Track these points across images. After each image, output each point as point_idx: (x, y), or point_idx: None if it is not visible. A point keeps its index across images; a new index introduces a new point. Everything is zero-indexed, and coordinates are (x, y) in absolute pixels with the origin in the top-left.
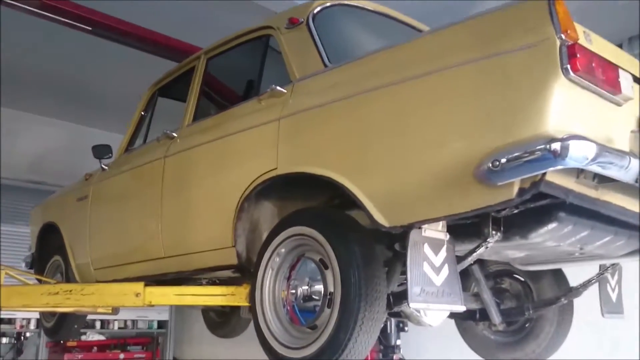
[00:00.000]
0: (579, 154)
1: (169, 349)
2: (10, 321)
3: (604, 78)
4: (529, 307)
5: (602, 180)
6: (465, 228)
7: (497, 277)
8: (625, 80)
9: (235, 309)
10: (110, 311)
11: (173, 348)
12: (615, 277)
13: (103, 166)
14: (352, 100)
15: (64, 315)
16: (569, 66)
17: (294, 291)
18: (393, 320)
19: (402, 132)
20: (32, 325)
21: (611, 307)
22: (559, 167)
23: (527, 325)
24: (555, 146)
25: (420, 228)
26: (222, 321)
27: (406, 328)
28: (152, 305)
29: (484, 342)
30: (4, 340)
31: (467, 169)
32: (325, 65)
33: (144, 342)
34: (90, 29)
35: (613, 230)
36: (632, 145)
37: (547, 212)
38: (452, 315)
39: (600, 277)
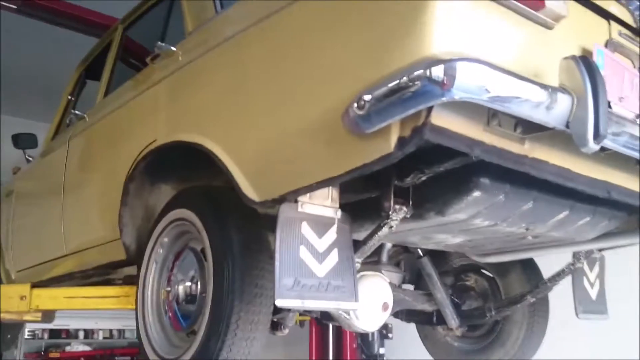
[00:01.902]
0: (471, 82)
1: None
2: None
3: None
4: (491, 308)
5: (528, 129)
6: (366, 204)
7: (462, 272)
8: None
9: None
10: (39, 319)
11: None
12: (596, 269)
13: (28, 157)
14: (227, 46)
15: None
16: None
17: (174, 289)
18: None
19: (270, 80)
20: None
21: (588, 305)
22: (444, 100)
23: (495, 329)
24: (436, 71)
25: (296, 202)
26: None
27: (390, 335)
28: (42, 310)
29: (446, 350)
30: None
31: (338, 121)
32: (217, 12)
33: (132, 353)
34: (15, 7)
35: (568, 204)
36: (565, 77)
37: (466, 179)
38: (409, 317)
39: (572, 269)
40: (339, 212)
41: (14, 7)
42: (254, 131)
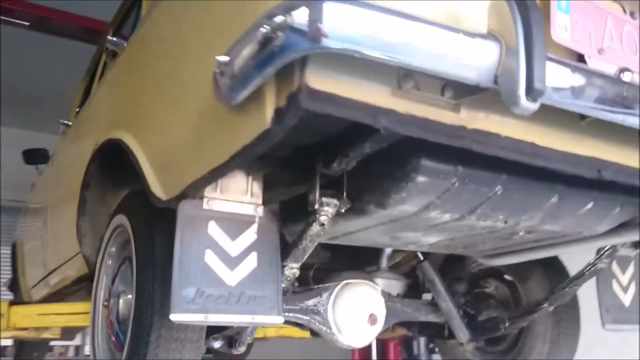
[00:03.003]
0: (346, 28)
1: None
2: (50, 349)
3: None
4: (505, 319)
5: (460, 91)
6: (296, 201)
7: (481, 278)
8: None
9: None
10: (58, 335)
11: None
12: (630, 270)
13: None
14: (139, 41)
15: (21, 343)
16: None
17: (114, 304)
18: (421, 339)
19: (163, 70)
20: (71, 353)
21: (619, 314)
22: (307, 52)
23: (518, 343)
24: (298, 16)
25: (202, 198)
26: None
27: (437, 349)
28: (20, 328)
29: None
30: None
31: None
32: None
33: None
34: (27, 24)
35: (556, 190)
36: (494, 21)
37: (402, 162)
38: (421, 331)
39: (594, 270)
40: (261, 210)
41: (26, 24)
42: (158, 124)
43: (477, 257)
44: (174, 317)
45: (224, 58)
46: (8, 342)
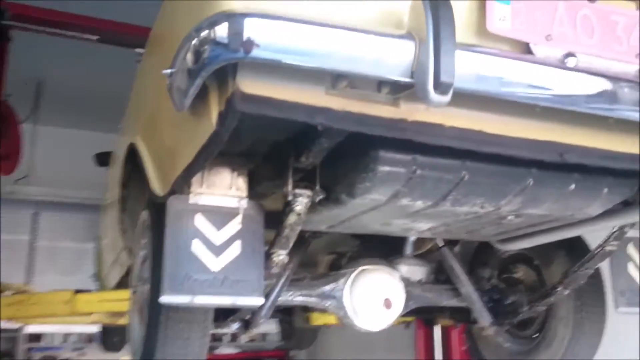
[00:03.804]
0: (266, 39)
1: None
2: None
3: None
4: (523, 303)
5: (396, 88)
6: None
7: (510, 264)
8: None
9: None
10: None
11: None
12: None
13: None
14: (150, 38)
15: (106, 329)
16: None
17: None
18: None
19: (154, 74)
20: None
21: (635, 296)
22: (235, 61)
23: (543, 328)
24: (220, 30)
25: (189, 193)
26: (291, 331)
27: None
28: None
29: (496, 351)
30: None
31: None
32: None
33: (279, 355)
34: (96, 38)
35: (529, 174)
36: (412, 20)
37: (363, 154)
38: (452, 316)
39: (604, 253)
40: (245, 202)
41: (95, 38)
42: (156, 128)
43: (493, 242)
44: (163, 299)
45: (168, 71)
46: (95, 328)
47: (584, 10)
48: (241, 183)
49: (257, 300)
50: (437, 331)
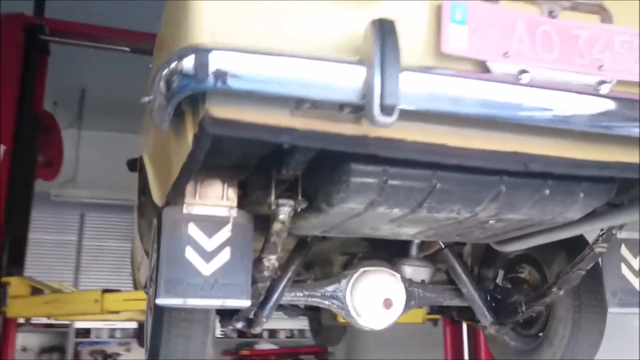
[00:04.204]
0: (229, 70)
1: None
2: None
3: None
4: (522, 303)
5: (356, 107)
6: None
7: (517, 264)
8: None
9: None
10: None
11: (342, 355)
12: None
13: None
14: None
15: (141, 326)
16: None
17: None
18: None
19: None
20: None
21: (628, 297)
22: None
23: (545, 327)
24: (187, 62)
25: (183, 204)
26: (319, 328)
27: None
28: (112, 312)
29: (503, 349)
30: None
31: None
32: None
33: (317, 352)
34: (128, 49)
35: (501, 181)
36: (364, 46)
37: (337, 166)
38: (460, 315)
39: (595, 254)
40: (235, 211)
41: (127, 49)
42: (156, 143)
43: (493, 244)
44: (159, 301)
45: (147, 98)
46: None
47: (545, 27)
48: (231, 194)
49: (244, 302)
50: (465, 330)
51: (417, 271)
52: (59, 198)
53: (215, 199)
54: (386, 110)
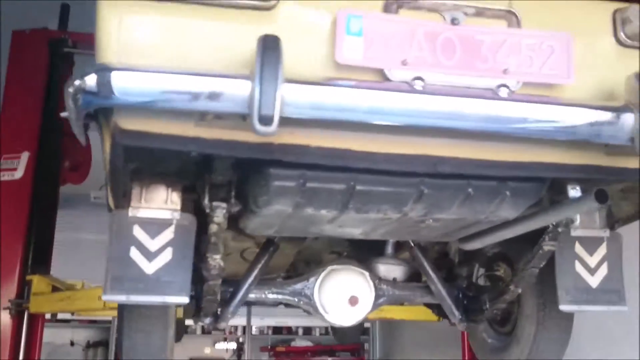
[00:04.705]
0: (128, 87)
1: (373, 354)
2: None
3: None
4: (485, 301)
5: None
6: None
7: (494, 262)
8: None
9: None
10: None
11: (379, 353)
12: (601, 251)
13: None
14: None
15: None
16: None
17: None
18: None
19: None
20: (239, 332)
21: (581, 294)
22: (103, 106)
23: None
24: (90, 80)
25: (129, 207)
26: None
27: None
28: (113, 308)
29: (482, 346)
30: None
31: None
32: None
33: (352, 349)
34: None
35: (421, 182)
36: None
37: (260, 170)
38: (439, 313)
39: (544, 252)
40: (177, 214)
41: None
42: None
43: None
44: (104, 297)
45: (65, 114)
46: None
47: (446, 34)
48: (175, 198)
49: (183, 299)
50: None
51: (390, 269)
52: (98, 200)
53: (160, 203)
54: (264, 120)
